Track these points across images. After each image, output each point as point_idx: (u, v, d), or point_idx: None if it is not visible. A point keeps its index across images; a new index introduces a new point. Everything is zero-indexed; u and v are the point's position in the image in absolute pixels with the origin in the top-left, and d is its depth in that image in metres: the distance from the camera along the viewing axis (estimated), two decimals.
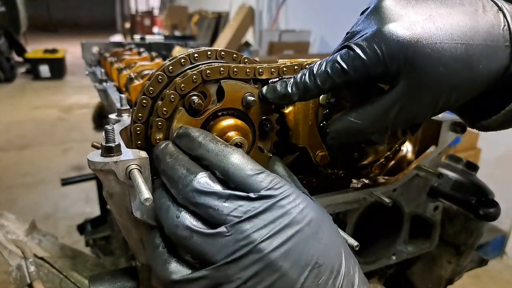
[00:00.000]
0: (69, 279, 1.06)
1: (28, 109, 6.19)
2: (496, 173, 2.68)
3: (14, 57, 8.65)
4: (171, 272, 0.43)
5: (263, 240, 0.40)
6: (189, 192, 0.44)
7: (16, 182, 3.71)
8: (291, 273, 0.39)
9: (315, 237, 0.42)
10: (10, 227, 1.08)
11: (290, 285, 0.39)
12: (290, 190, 0.44)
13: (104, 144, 0.48)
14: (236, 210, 0.42)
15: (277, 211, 0.41)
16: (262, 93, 0.57)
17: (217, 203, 0.42)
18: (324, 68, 0.52)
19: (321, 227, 0.43)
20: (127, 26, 11.84)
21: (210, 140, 0.48)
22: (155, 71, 0.55)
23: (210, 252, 0.41)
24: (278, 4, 6.13)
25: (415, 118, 0.52)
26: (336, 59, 0.51)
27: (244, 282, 0.39)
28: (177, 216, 0.44)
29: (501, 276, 2.62)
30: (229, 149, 0.47)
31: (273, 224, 0.41)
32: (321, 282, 0.40)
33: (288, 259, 0.40)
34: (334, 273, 0.41)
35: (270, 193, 0.43)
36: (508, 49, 0.48)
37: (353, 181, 0.72)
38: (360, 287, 0.43)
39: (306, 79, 0.53)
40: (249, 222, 0.41)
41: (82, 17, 20.27)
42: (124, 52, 1.56)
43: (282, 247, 0.40)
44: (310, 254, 0.40)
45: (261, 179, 0.44)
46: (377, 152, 0.73)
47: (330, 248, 0.42)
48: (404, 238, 0.84)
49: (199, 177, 0.44)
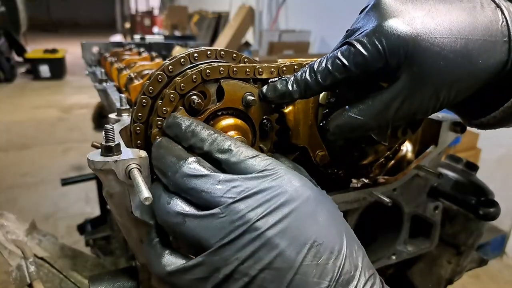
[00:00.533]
0: (69, 279, 1.06)
1: (28, 109, 6.19)
2: (496, 173, 2.68)
3: (14, 57, 8.65)
4: (165, 265, 0.43)
5: (259, 218, 0.39)
6: (179, 178, 0.44)
7: (16, 182, 3.71)
8: (288, 251, 0.39)
9: (313, 215, 0.41)
10: (10, 227, 1.08)
11: (289, 264, 0.39)
12: (285, 170, 0.43)
13: (104, 143, 0.48)
14: (229, 191, 0.41)
15: (272, 190, 0.41)
16: (262, 92, 0.56)
17: (209, 186, 0.42)
18: (324, 65, 0.52)
19: (319, 206, 0.42)
20: (127, 26, 11.84)
21: (203, 129, 0.48)
22: (155, 71, 0.55)
23: (205, 235, 0.40)
24: (278, 4, 6.13)
25: (416, 113, 0.52)
26: (337, 55, 0.51)
27: (242, 262, 0.39)
28: (167, 202, 0.44)
29: (501, 276, 2.62)
30: (222, 137, 0.47)
31: (269, 202, 0.40)
32: (321, 261, 0.39)
33: (285, 236, 0.39)
34: (334, 253, 0.40)
35: (265, 173, 0.42)
36: (507, 44, 0.49)
37: (353, 181, 0.72)
38: (365, 270, 0.42)
39: (306, 76, 0.53)
40: (244, 202, 0.40)
41: (82, 17, 20.27)
42: (124, 52, 1.56)
43: (279, 225, 0.39)
44: (307, 232, 0.40)
45: (256, 162, 0.44)
46: (377, 152, 0.73)
47: (329, 228, 0.42)
48: (404, 238, 0.84)
49: (188, 162, 0.44)
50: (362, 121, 0.53)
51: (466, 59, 0.48)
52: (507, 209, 2.35)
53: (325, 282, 0.39)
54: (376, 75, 0.52)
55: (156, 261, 0.44)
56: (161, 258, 0.44)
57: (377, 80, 0.56)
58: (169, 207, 0.43)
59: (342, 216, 0.47)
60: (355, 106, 0.54)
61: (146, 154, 0.50)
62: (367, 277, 0.41)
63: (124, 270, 0.69)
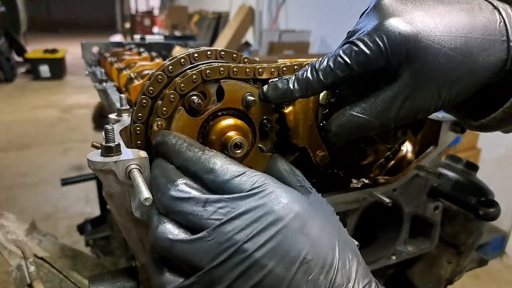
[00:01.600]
0: (69, 279, 1.06)
1: (28, 109, 6.19)
2: (496, 173, 2.68)
3: (14, 57, 8.65)
4: (164, 282, 0.43)
5: (247, 240, 0.39)
6: (167, 200, 0.44)
7: (16, 182, 3.71)
8: (277, 270, 0.39)
9: (302, 231, 0.41)
10: (10, 227, 1.08)
11: (278, 282, 0.39)
12: (273, 186, 0.43)
13: (104, 144, 0.48)
14: (216, 213, 0.41)
15: (260, 210, 0.41)
16: (263, 92, 0.56)
17: (195, 208, 0.42)
18: (326, 63, 0.52)
19: (309, 221, 0.42)
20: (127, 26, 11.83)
21: (187, 148, 0.48)
22: (155, 71, 0.55)
23: (194, 259, 0.41)
24: (278, 4, 6.13)
25: (418, 111, 0.52)
26: (339, 54, 0.51)
27: (233, 281, 0.39)
28: (156, 227, 0.44)
29: (501, 276, 2.62)
30: (206, 156, 0.46)
31: (256, 223, 0.40)
32: (312, 277, 0.39)
33: (273, 256, 0.39)
34: (326, 267, 0.40)
35: (252, 192, 0.42)
36: (505, 43, 0.50)
37: (353, 181, 0.72)
38: (359, 281, 0.42)
39: (308, 75, 0.53)
40: (231, 224, 0.40)
41: (82, 17, 20.26)
42: (124, 52, 1.56)
43: (266, 245, 0.39)
44: (297, 249, 0.40)
45: (242, 181, 0.43)
46: (377, 152, 0.73)
47: (320, 242, 0.42)
48: (404, 238, 0.84)
49: (176, 184, 0.44)
50: (365, 119, 0.53)
51: (466, 56, 0.49)
52: (507, 209, 2.35)
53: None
54: (377, 75, 0.52)
55: (157, 276, 0.44)
56: (161, 274, 0.44)
57: (378, 81, 0.56)
58: (158, 232, 0.43)
59: (336, 222, 0.46)
60: (357, 105, 0.54)
61: (146, 154, 0.50)
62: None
63: (124, 270, 0.69)
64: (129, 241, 0.60)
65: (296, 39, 5.00)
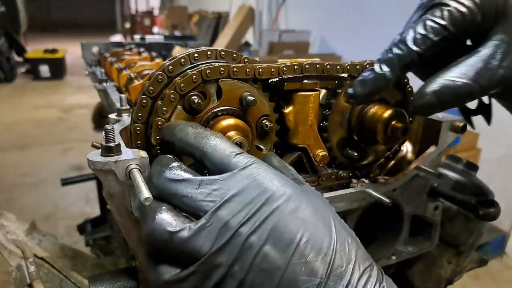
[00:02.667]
0: (69, 279, 1.06)
1: (28, 109, 6.19)
2: (496, 173, 2.68)
3: (14, 57, 8.65)
4: (161, 273, 0.43)
5: (241, 225, 0.39)
6: (161, 183, 0.44)
7: (16, 182, 3.71)
8: (273, 253, 0.39)
9: (296, 213, 0.40)
10: (10, 227, 1.08)
11: (275, 265, 0.39)
12: (266, 169, 0.43)
13: (104, 143, 0.48)
14: (210, 195, 0.41)
15: (254, 190, 0.41)
16: (350, 95, 0.54)
17: (189, 191, 0.42)
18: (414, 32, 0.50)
19: (303, 203, 0.42)
20: (127, 26, 11.84)
21: (189, 124, 0.49)
22: (155, 71, 0.55)
23: (195, 247, 0.40)
24: (278, 4, 6.13)
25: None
26: (430, 18, 0.49)
27: (230, 267, 0.39)
28: (152, 219, 0.43)
29: (501, 276, 2.62)
30: (207, 133, 0.47)
31: (250, 205, 0.40)
32: (309, 259, 0.39)
33: (269, 239, 0.39)
34: (323, 249, 0.39)
35: (246, 171, 0.42)
36: None
37: (353, 181, 0.72)
38: (359, 263, 0.40)
39: (396, 51, 0.51)
40: (226, 207, 0.40)
41: (82, 17, 20.26)
42: (124, 52, 1.56)
43: (260, 228, 0.39)
44: (291, 232, 0.39)
45: (238, 159, 0.43)
46: (377, 152, 0.73)
47: (316, 223, 0.41)
48: (404, 238, 0.84)
49: (170, 167, 0.44)
50: (463, 84, 0.50)
51: None
52: (507, 209, 2.35)
53: (316, 279, 0.38)
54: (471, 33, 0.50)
55: (153, 269, 0.44)
56: (158, 266, 0.43)
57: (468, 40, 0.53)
58: (155, 224, 0.42)
59: (332, 210, 0.45)
60: (450, 71, 0.51)
61: (146, 154, 0.50)
62: (361, 270, 0.40)
63: (124, 270, 0.69)
64: (129, 241, 0.60)
65: (296, 39, 5.00)
